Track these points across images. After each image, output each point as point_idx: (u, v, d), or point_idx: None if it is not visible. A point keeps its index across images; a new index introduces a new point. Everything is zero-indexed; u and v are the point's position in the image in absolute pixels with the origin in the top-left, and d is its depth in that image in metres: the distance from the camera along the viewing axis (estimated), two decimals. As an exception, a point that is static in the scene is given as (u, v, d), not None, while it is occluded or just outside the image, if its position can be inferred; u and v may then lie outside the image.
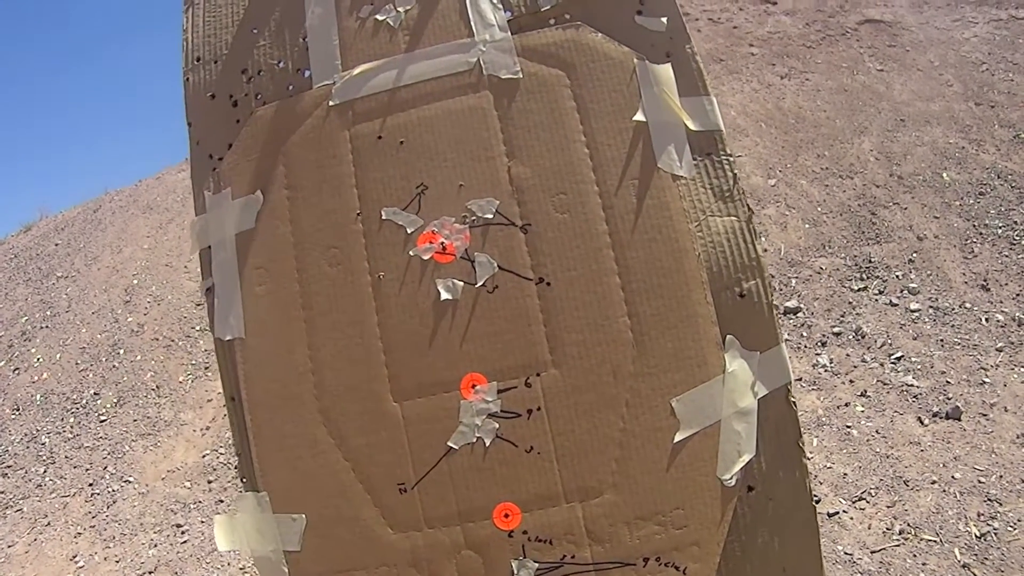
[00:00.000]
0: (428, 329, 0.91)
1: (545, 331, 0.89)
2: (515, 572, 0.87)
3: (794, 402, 0.89)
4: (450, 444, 0.89)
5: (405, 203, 0.94)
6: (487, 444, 0.88)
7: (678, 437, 0.86)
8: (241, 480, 0.96)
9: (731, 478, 0.87)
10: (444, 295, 0.91)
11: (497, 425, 0.88)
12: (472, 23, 0.98)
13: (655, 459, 0.86)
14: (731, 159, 0.93)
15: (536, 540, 0.86)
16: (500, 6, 0.99)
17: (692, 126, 0.94)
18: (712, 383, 0.87)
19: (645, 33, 0.97)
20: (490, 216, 0.92)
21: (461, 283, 0.91)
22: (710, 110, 0.94)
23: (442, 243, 0.92)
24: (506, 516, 0.87)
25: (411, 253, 0.93)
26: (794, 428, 0.89)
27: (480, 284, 0.91)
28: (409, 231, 0.93)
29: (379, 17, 1.01)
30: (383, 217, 0.94)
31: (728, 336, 0.89)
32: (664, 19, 0.97)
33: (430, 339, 0.90)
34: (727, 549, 0.87)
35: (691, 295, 0.88)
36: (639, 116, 0.93)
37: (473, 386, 0.89)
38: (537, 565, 0.86)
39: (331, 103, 0.99)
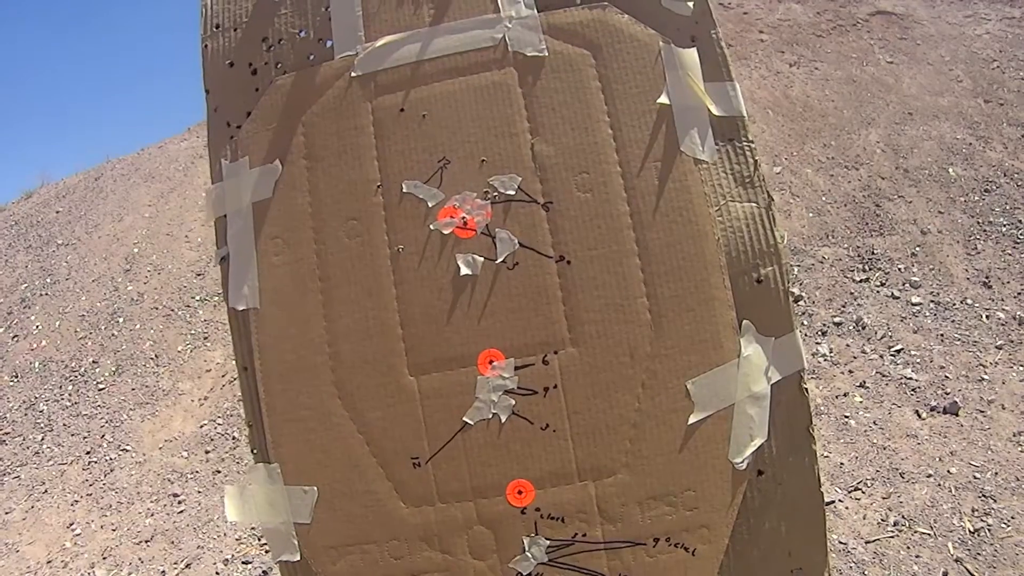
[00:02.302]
0: (446, 304, 0.91)
1: (564, 309, 0.89)
2: (527, 549, 0.87)
3: (806, 389, 0.90)
4: (466, 419, 0.89)
5: (427, 176, 0.94)
6: (503, 420, 0.89)
7: (692, 419, 0.87)
8: (252, 451, 0.96)
9: (742, 461, 0.87)
10: (464, 270, 0.91)
11: (513, 402, 0.89)
12: (499, -1, 0.98)
13: (669, 440, 0.87)
14: (752, 146, 0.93)
15: (548, 517, 0.87)
16: (527, -17, 0.98)
17: (715, 111, 0.94)
18: (727, 367, 0.88)
19: (671, 16, 0.96)
20: (512, 192, 0.92)
21: (481, 259, 0.91)
22: (733, 96, 0.94)
23: (463, 218, 0.92)
24: (519, 493, 0.88)
25: (431, 227, 0.93)
26: (805, 414, 0.89)
27: (500, 260, 0.91)
28: (430, 205, 0.93)
29: (404, -11, 1.00)
30: (404, 190, 0.94)
31: (744, 321, 0.89)
32: (690, 3, 0.97)
33: (448, 314, 0.91)
34: (735, 532, 0.88)
35: (709, 279, 0.88)
36: (663, 99, 0.93)
37: (490, 362, 0.89)
38: (549, 542, 0.87)
39: (353, 74, 0.98)
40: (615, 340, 0.88)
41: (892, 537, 2.35)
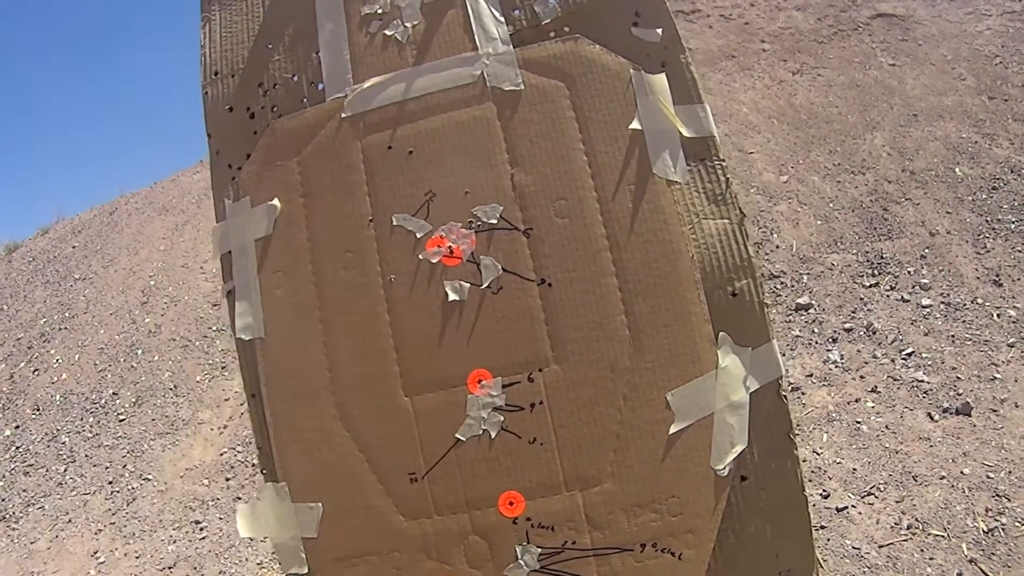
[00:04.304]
0: (437, 328, 0.96)
1: (547, 329, 0.94)
2: (520, 557, 0.91)
3: (785, 396, 0.93)
4: (458, 436, 0.94)
5: (415, 209, 0.99)
6: (492, 436, 0.93)
7: (673, 429, 0.91)
8: (262, 471, 1.01)
9: (724, 468, 0.91)
10: (452, 296, 0.96)
11: (502, 418, 0.93)
12: (476, 37, 1.03)
13: (651, 450, 0.91)
14: (723, 164, 0.97)
15: (539, 526, 0.91)
16: (502, 20, 1.03)
17: (686, 133, 0.98)
18: (706, 378, 0.91)
19: (641, 44, 1.01)
20: (495, 221, 0.97)
21: (468, 285, 0.96)
22: (703, 117, 0.98)
23: (449, 247, 0.97)
24: (510, 504, 0.92)
25: (420, 257, 0.98)
26: (785, 420, 0.93)
27: (485, 285, 0.96)
28: (419, 236, 0.99)
29: (388, 32, 1.06)
30: (394, 223, 0.99)
31: (721, 333, 0.93)
32: (659, 30, 1.01)
33: (439, 338, 0.95)
34: (721, 536, 0.91)
35: (685, 294, 0.93)
36: (635, 124, 0.97)
37: (479, 381, 0.94)
38: (540, 550, 0.91)
39: (344, 115, 1.04)
40: (596, 356, 0.92)
41: (906, 540, 2.34)
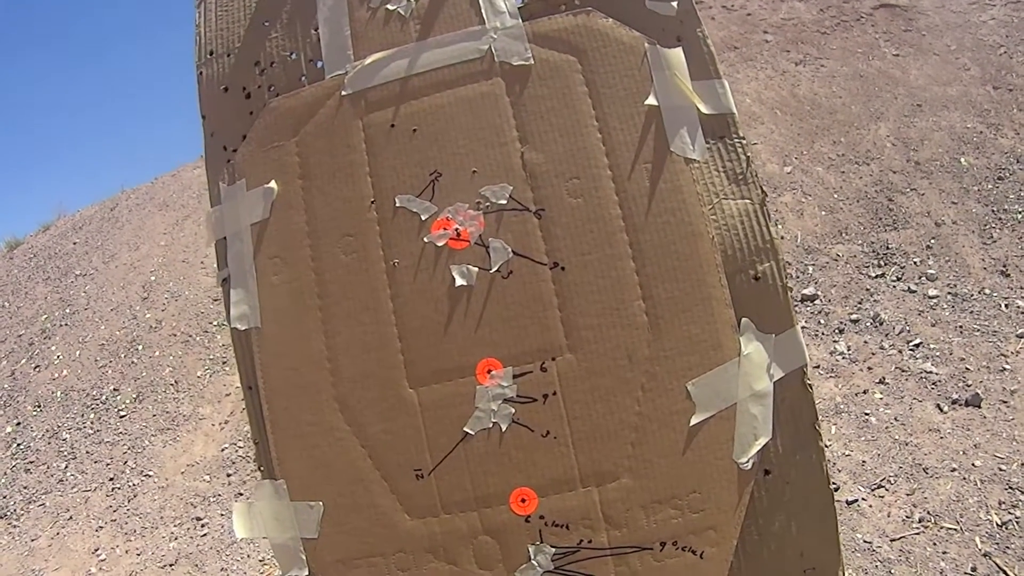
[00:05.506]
0: (443, 315, 0.91)
1: (560, 316, 0.90)
2: (532, 557, 0.87)
3: (810, 384, 0.89)
4: (466, 429, 0.90)
5: (419, 190, 0.95)
6: (503, 429, 0.89)
7: (694, 420, 0.87)
8: (259, 468, 0.97)
9: (747, 461, 0.87)
10: (459, 281, 0.92)
11: (513, 410, 0.89)
12: (483, 11, 0.99)
13: (671, 443, 0.86)
14: (744, 142, 0.93)
15: (553, 525, 0.87)
16: (511, -7, 0.99)
17: (704, 109, 0.94)
18: (728, 366, 0.87)
19: (656, 18, 0.97)
20: (504, 202, 0.93)
21: (476, 269, 0.92)
22: (722, 93, 0.94)
23: (456, 229, 0.93)
24: (523, 501, 0.88)
25: (425, 240, 0.94)
26: (810, 410, 0.89)
27: (495, 269, 0.92)
28: (423, 218, 0.94)
29: (390, 7, 1.02)
30: (397, 204, 0.95)
31: (743, 319, 0.89)
32: (674, 3, 0.97)
33: (445, 325, 0.91)
34: (744, 533, 0.87)
35: (705, 278, 0.88)
36: (651, 100, 0.93)
37: (489, 371, 0.90)
38: (554, 550, 0.87)
39: (344, 93, 1.00)
40: (613, 344, 0.88)
41: (918, 534, 2.31)
